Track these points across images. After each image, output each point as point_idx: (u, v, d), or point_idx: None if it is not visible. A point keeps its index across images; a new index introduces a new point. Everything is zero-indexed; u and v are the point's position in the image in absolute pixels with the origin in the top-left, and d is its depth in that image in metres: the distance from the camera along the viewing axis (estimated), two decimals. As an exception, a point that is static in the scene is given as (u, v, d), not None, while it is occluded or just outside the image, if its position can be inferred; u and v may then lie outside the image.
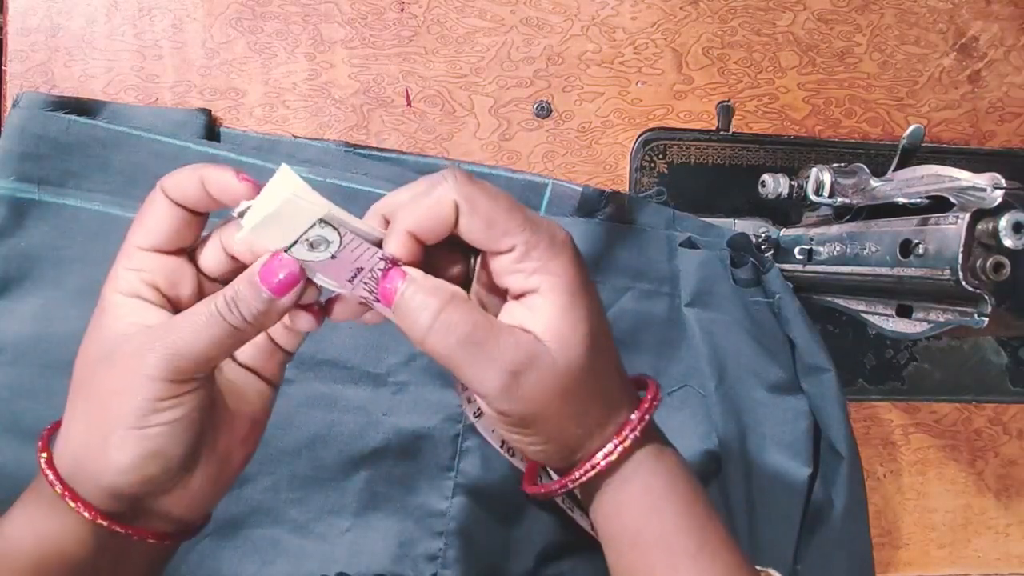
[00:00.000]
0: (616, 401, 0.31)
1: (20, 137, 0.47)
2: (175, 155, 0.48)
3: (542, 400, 0.29)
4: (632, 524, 0.32)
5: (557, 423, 0.30)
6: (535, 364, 0.29)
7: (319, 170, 0.49)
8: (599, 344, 0.30)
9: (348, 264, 0.28)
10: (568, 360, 0.29)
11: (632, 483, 0.32)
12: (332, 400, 0.49)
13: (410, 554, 0.50)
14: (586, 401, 0.30)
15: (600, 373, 0.30)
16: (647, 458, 0.32)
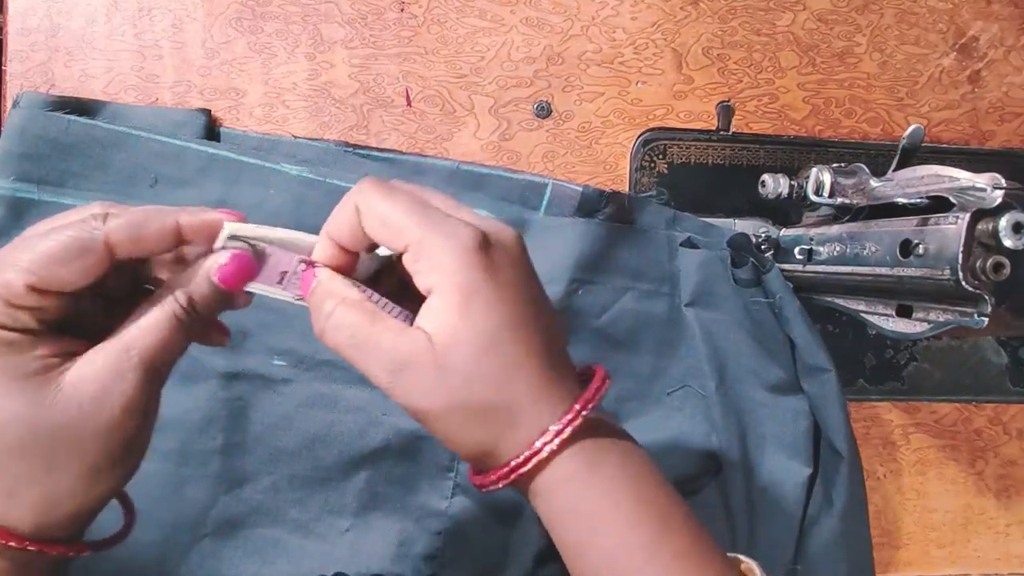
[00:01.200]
0: (534, 402, 0.29)
1: (20, 137, 0.47)
2: (175, 155, 0.48)
3: (426, 399, 0.28)
4: (578, 529, 0.30)
5: (454, 422, 0.29)
6: (412, 364, 0.28)
7: (319, 170, 0.49)
8: (499, 344, 0.29)
9: (275, 270, 0.31)
10: (456, 360, 0.28)
11: (564, 494, 0.30)
12: (332, 400, 0.49)
13: (409, 554, 0.50)
14: (484, 402, 0.29)
15: (503, 374, 0.29)
16: (579, 466, 0.30)
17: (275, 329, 0.49)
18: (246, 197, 0.49)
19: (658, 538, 0.30)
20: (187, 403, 0.48)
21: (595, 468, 0.30)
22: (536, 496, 0.30)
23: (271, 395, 0.49)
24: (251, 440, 0.49)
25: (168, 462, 0.48)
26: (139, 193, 0.48)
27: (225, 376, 0.48)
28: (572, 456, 0.30)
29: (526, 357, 0.29)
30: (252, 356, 0.49)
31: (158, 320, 0.28)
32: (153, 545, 0.49)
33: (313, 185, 0.49)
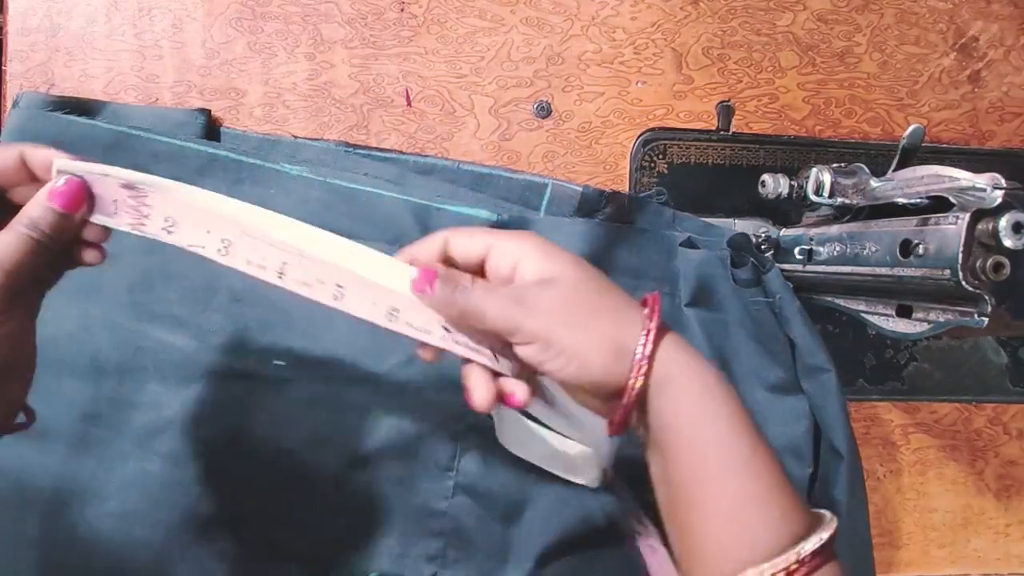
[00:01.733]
0: (626, 312, 0.35)
1: (20, 137, 0.47)
2: (175, 155, 0.48)
3: (544, 309, 0.34)
4: (687, 430, 0.34)
5: (577, 327, 0.34)
6: (528, 290, 0.35)
7: (319, 170, 0.49)
8: (584, 270, 0.36)
9: (107, 201, 0.35)
10: (556, 282, 0.35)
11: (680, 387, 0.34)
12: (332, 400, 0.49)
13: (410, 554, 0.50)
14: (590, 309, 0.35)
15: (594, 291, 0.35)
16: (687, 364, 0.34)
17: (275, 329, 0.49)
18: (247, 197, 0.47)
19: (753, 445, 0.34)
20: (187, 403, 0.48)
21: (700, 367, 0.35)
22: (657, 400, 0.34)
23: (271, 395, 0.49)
24: (251, 440, 0.49)
25: (168, 462, 0.48)
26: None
27: (225, 376, 0.48)
28: (668, 347, 0.34)
29: (603, 279, 0.36)
30: (252, 356, 0.49)
31: (10, 240, 0.33)
32: (153, 545, 0.49)
33: (313, 185, 0.49)
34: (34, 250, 0.33)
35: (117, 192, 0.35)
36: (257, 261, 0.36)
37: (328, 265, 0.36)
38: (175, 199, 0.35)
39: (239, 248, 0.35)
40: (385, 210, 0.49)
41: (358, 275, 0.36)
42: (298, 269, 0.36)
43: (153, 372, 0.48)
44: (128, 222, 0.35)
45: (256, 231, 0.36)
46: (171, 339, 0.48)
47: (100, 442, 0.48)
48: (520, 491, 0.51)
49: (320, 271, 0.36)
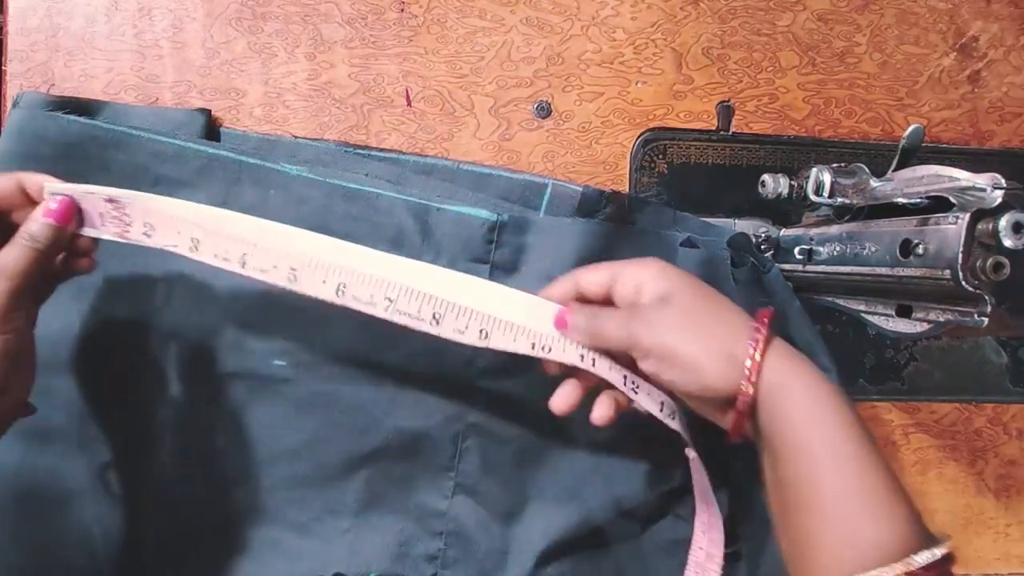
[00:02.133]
0: (738, 324, 0.38)
1: (20, 137, 0.47)
2: (175, 155, 0.48)
3: (660, 325, 0.38)
4: (797, 431, 0.36)
5: (684, 346, 0.38)
6: (645, 309, 0.39)
7: (319, 170, 0.49)
8: (698, 287, 0.40)
9: (94, 215, 0.41)
10: (671, 299, 0.39)
11: (789, 392, 0.36)
12: (332, 400, 0.49)
13: (410, 554, 0.50)
14: (703, 322, 0.38)
15: (707, 306, 0.39)
16: (796, 370, 0.37)
17: (275, 329, 0.49)
18: (247, 197, 0.49)
19: (862, 447, 0.35)
20: (187, 403, 0.48)
21: (808, 371, 0.37)
22: (769, 406, 0.37)
23: (271, 395, 0.49)
24: (251, 440, 0.49)
25: (167, 462, 0.48)
26: (139, 193, 0.48)
27: (225, 376, 0.48)
28: (777, 354, 0.37)
29: (717, 295, 0.40)
30: (252, 356, 0.49)
31: (14, 251, 0.38)
32: (153, 545, 0.49)
33: (313, 185, 0.49)
34: (35, 259, 0.38)
35: (103, 206, 0.41)
36: (222, 254, 0.41)
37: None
38: (149, 208, 0.41)
39: (206, 244, 0.41)
40: (385, 210, 0.49)
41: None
42: (257, 258, 0.41)
43: (152, 372, 0.48)
44: (113, 231, 0.41)
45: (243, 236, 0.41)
46: (170, 338, 0.48)
47: (99, 442, 0.48)
48: (520, 491, 0.51)
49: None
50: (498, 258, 0.50)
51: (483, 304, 0.41)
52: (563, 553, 0.50)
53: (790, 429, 0.36)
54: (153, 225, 0.41)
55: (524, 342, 0.42)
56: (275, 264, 0.41)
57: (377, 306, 0.41)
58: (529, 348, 0.42)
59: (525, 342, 0.42)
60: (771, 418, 0.37)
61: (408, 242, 0.49)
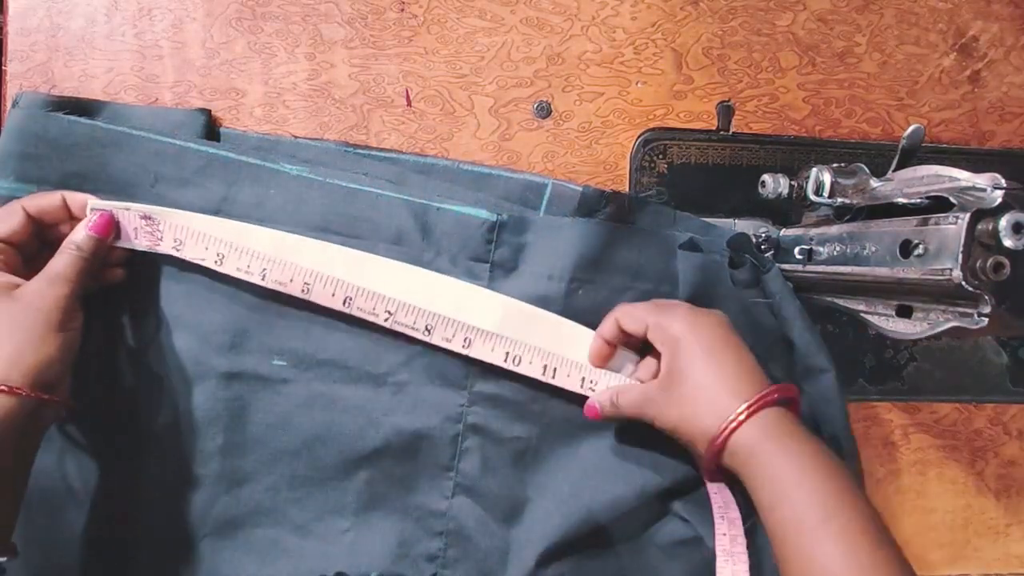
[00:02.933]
0: (743, 391, 0.42)
1: (20, 137, 0.47)
2: (175, 155, 0.48)
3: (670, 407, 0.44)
4: (768, 496, 0.40)
5: (690, 422, 0.43)
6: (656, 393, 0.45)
7: (319, 170, 0.49)
8: (715, 353, 0.43)
9: (128, 229, 0.46)
10: (684, 377, 0.43)
11: (766, 453, 0.40)
12: (331, 400, 0.49)
13: (410, 554, 0.50)
14: (702, 404, 0.42)
15: (719, 372, 0.43)
16: (777, 436, 0.40)
17: (275, 329, 0.49)
18: (246, 196, 0.49)
19: (833, 511, 0.38)
20: (187, 403, 0.48)
21: (781, 442, 0.40)
22: (734, 456, 0.41)
23: (271, 395, 0.49)
24: (251, 440, 0.49)
25: (168, 462, 0.48)
26: (140, 193, 0.48)
27: (225, 376, 0.48)
28: (760, 426, 0.41)
29: (734, 363, 0.43)
30: (252, 356, 0.49)
31: (64, 259, 0.43)
32: (153, 545, 0.49)
33: (313, 185, 0.49)
34: (84, 266, 0.43)
35: (137, 221, 0.46)
36: (244, 268, 0.46)
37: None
38: (179, 224, 0.46)
39: (230, 259, 0.46)
40: (384, 210, 0.49)
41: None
42: (275, 272, 0.46)
43: (152, 372, 0.48)
44: (146, 244, 0.46)
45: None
46: (171, 339, 0.48)
47: (98, 442, 0.48)
48: (520, 491, 0.51)
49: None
50: (497, 257, 0.50)
51: (469, 316, 0.48)
52: (563, 553, 0.50)
53: (774, 488, 0.40)
54: (182, 240, 0.46)
55: (500, 352, 0.48)
56: (291, 278, 0.46)
57: (379, 317, 0.47)
58: (503, 359, 0.48)
59: (500, 351, 0.48)
60: (753, 469, 0.40)
61: (408, 241, 0.49)
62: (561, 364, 0.48)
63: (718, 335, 0.44)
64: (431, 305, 0.47)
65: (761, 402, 0.41)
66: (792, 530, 0.38)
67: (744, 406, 0.41)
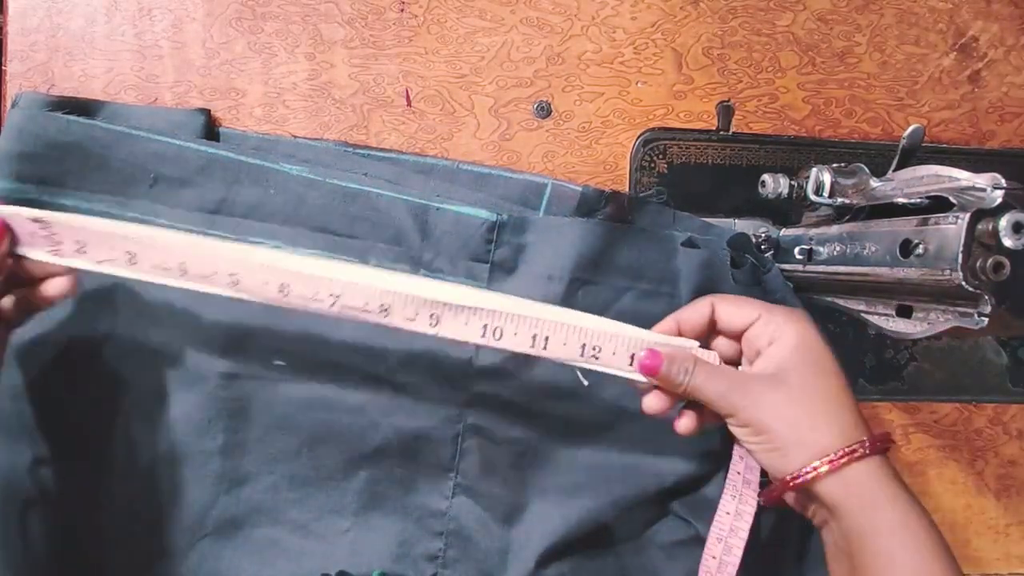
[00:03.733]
0: (841, 433, 0.38)
1: (19, 137, 0.47)
2: (174, 155, 0.48)
3: (766, 404, 0.39)
4: (884, 551, 0.36)
5: (785, 432, 0.38)
6: (755, 382, 0.39)
7: (318, 170, 0.49)
8: (822, 374, 0.39)
9: (25, 233, 0.40)
10: (787, 381, 0.39)
11: (882, 500, 0.37)
12: (332, 400, 0.49)
13: (410, 554, 0.50)
14: (801, 416, 0.38)
15: (822, 396, 0.39)
16: (891, 485, 0.37)
17: (275, 330, 0.49)
18: (246, 197, 0.49)
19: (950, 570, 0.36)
20: (187, 403, 0.48)
21: (896, 490, 0.37)
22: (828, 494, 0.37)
23: (271, 395, 0.49)
24: (251, 440, 0.49)
25: (168, 462, 0.48)
26: (139, 193, 0.48)
27: (225, 376, 0.48)
28: (874, 467, 0.37)
29: (838, 389, 0.39)
30: (252, 356, 0.49)
31: None
32: (153, 545, 0.49)
33: (313, 185, 0.49)
34: None
35: (30, 226, 0.40)
36: (160, 264, 0.40)
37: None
38: (76, 226, 0.40)
39: (143, 257, 0.40)
40: (384, 210, 0.49)
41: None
42: (196, 265, 0.40)
43: (152, 372, 0.48)
44: (47, 250, 0.41)
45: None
46: (170, 339, 0.48)
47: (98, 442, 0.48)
48: (520, 492, 0.51)
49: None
50: (497, 257, 0.50)
51: (431, 291, 0.41)
52: (563, 554, 0.50)
53: (876, 547, 0.36)
54: (84, 242, 0.40)
55: (477, 325, 0.41)
56: (215, 271, 0.40)
57: (323, 303, 0.40)
58: (480, 334, 0.41)
59: (478, 324, 0.41)
60: (856, 523, 0.37)
61: (407, 242, 0.49)
62: (555, 331, 0.41)
63: (833, 356, 0.40)
64: (383, 284, 0.41)
65: (880, 444, 0.38)
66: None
67: (866, 440, 0.38)
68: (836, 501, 0.37)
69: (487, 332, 0.41)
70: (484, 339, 0.41)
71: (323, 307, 0.40)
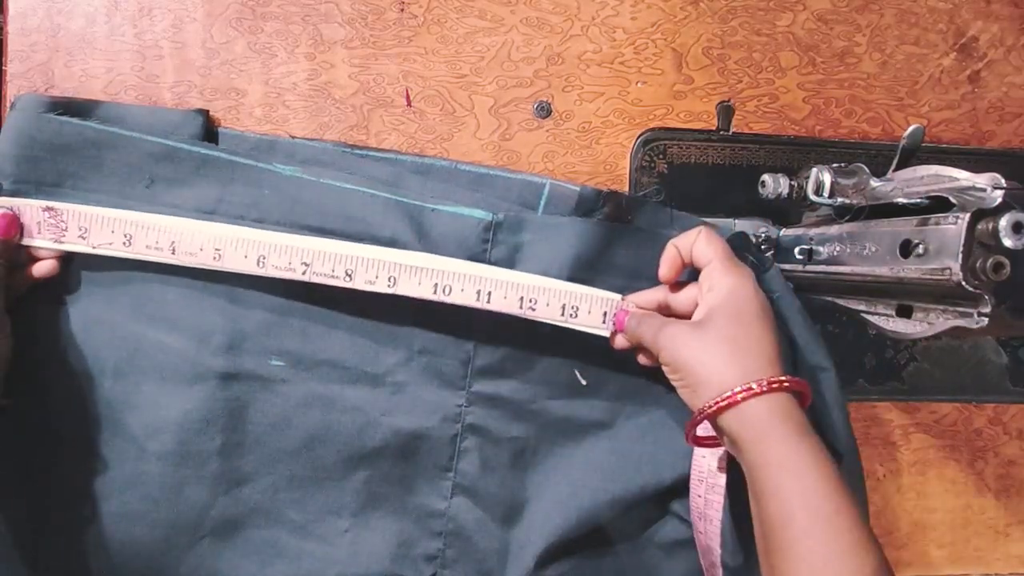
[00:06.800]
0: (744, 374, 0.41)
1: (16, 139, 0.47)
2: (170, 156, 0.48)
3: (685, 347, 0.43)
4: (775, 477, 0.39)
5: (696, 371, 0.42)
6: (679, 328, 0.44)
7: (312, 170, 0.49)
8: (748, 320, 0.43)
9: (32, 223, 0.46)
10: (707, 326, 0.43)
11: (773, 437, 0.39)
12: (330, 400, 0.49)
13: (409, 554, 0.50)
14: (714, 358, 0.42)
15: (743, 339, 0.42)
16: (786, 422, 0.40)
17: (273, 329, 0.49)
18: (241, 197, 0.48)
19: (826, 512, 0.37)
20: (186, 404, 0.48)
21: (787, 429, 0.39)
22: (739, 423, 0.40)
23: (269, 395, 0.49)
24: (250, 441, 0.49)
25: (166, 463, 0.48)
26: (135, 193, 0.48)
27: (223, 376, 0.48)
28: (769, 407, 0.40)
29: (756, 337, 0.42)
30: (250, 356, 0.49)
31: None
32: (152, 546, 0.49)
33: (307, 185, 0.49)
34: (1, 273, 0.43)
35: (40, 215, 0.46)
36: (153, 244, 0.46)
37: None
38: (82, 212, 0.46)
39: (138, 238, 0.46)
40: (380, 211, 0.49)
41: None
42: (185, 243, 0.45)
43: (151, 372, 0.48)
44: (50, 237, 0.46)
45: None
46: (168, 339, 0.48)
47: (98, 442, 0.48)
48: (519, 492, 0.51)
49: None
50: (494, 257, 0.50)
51: (391, 255, 0.46)
52: (563, 554, 0.50)
53: (769, 474, 0.39)
54: (87, 228, 0.46)
55: (428, 284, 0.46)
56: (201, 247, 0.46)
57: (296, 271, 0.46)
58: (431, 290, 0.46)
59: (428, 283, 0.46)
60: (750, 453, 0.40)
61: (403, 242, 0.49)
62: (495, 288, 0.47)
63: (766, 309, 0.44)
64: (351, 250, 0.46)
65: (779, 384, 0.41)
66: (780, 523, 0.38)
67: (765, 380, 0.40)
68: (733, 435, 0.40)
69: (437, 290, 0.46)
70: (435, 295, 0.46)
71: (295, 275, 0.46)
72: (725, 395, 0.40)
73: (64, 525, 0.48)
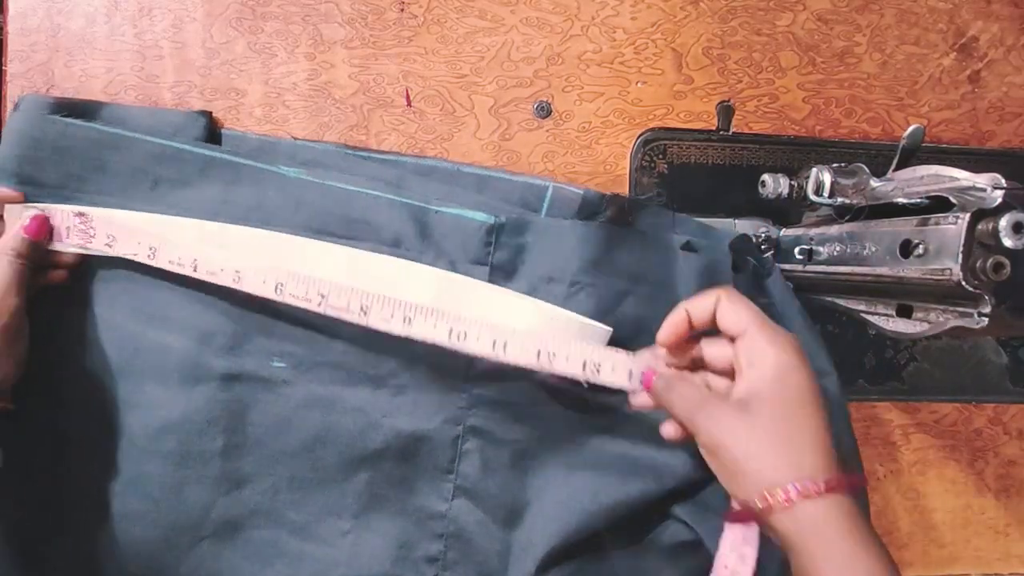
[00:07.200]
0: (799, 471, 0.37)
1: (19, 141, 0.47)
2: (174, 157, 0.48)
3: (726, 429, 0.39)
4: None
5: (736, 454, 0.38)
6: (721, 407, 0.39)
7: (317, 172, 0.49)
8: (797, 406, 0.38)
9: (61, 228, 0.46)
10: (752, 409, 0.38)
11: (835, 545, 0.36)
12: (331, 402, 0.49)
13: (410, 556, 0.50)
14: (761, 449, 0.38)
15: (783, 436, 0.38)
16: (846, 527, 0.36)
17: (275, 331, 0.49)
18: (245, 198, 0.49)
19: None
20: (187, 405, 0.48)
21: (851, 535, 0.36)
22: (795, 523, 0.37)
23: (270, 396, 0.49)
24: (251, 442, 0.49)
25: (167, 464, 0.48)
26: (139, 195, 0.48)
27: (224, 378, 0.48)
28: (832, 508, 0.36)
29: (807, 426, 0.38)
30: (251, 358, 0.49)
31: (5, 265, 0.44)
32: (152, 546, 0.49)
33: (311, 187, 0.49)
34: (19, 270, 0.44)
35: (71, 220, 0.46)
36: (176, 260, 0.46)
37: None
38: (111, 220, 0.46)
39: (162, 252, 0.46)
40: (383, 212, 0.49)
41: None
42: (206, 263, 0.46)
43: (152, 373, 0.48)
44: (77, 243, 0.46)
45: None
46: (170, 340, 0.48)
47: (99, 442, 0.48)
48: (520, 494, 0.51)
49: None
50: (497, 260, 0.49)
51: (406, 292, 0.45)
52: (564, 558, 0.50)
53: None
54: (114, 236, 0.46)
55: (443, 328, 0.45)
56: (222, 268, 0.46)
57: (312, 302, 0.45)
58: (446, 335, 0.45)
59: (444, 327, 0.45)
60: (803, 560, 0.37)
61: (406, 244, 0.49)
62: (512, 337, 0.44)
63: (815, 389, 0.40)
64: (365, 285, 0.45)
65: (838, 484, 0.37)
66: None
67: (822, 480, 0.37)
68: (787, 537, 0.37)
69: (452, 335, 0.44)
70: (450, 341, 0.44)
71: (311, 305, 0.45)
72: (778, 496, 0.37)
73: (65, 525, 0.48)
